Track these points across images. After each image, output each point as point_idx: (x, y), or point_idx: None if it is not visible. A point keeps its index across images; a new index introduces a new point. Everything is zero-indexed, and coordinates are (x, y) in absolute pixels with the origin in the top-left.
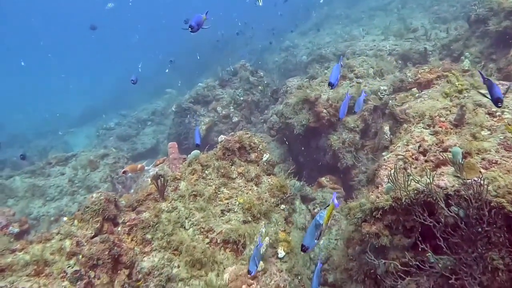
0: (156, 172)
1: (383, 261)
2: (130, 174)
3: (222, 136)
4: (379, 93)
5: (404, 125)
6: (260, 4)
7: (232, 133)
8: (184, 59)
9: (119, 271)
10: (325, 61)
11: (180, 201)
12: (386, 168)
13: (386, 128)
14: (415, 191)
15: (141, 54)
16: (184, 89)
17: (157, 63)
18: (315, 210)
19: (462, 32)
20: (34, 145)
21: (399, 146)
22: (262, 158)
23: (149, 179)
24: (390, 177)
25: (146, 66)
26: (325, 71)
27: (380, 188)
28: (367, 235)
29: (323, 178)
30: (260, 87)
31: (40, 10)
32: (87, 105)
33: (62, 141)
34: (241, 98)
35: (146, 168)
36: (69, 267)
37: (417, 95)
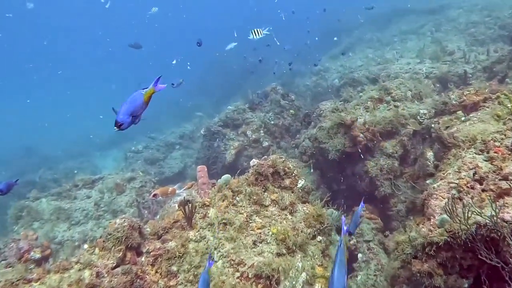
0: (184, 198)
1: None
2: (160, 197)
3: (254, 160)
4: (418, 117)
5: (453, 150)
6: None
7: (265, 157)
8: (212, 82)
9: None
10: (358, 84)
11: (209, 230)
12: (437, 198)
13: (430, 154)
14: (476, 225)
15: (169, 77)
16: (213, 113)
17: (185, 86)
18: (351, 242)
19: (505, 53)
20: (63, 167)
21: (450, 173)
22: (297, 185)
23: (176, 205)
24: (446, 208)
25: (174, 89)
26: (360, 94)
27: (432, 220)
28: (418, 274)
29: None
30: (291, 111)
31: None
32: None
33: (91, 163)
34: (272, 122)
35: (178, 191)
36: None
37: (463, 118)
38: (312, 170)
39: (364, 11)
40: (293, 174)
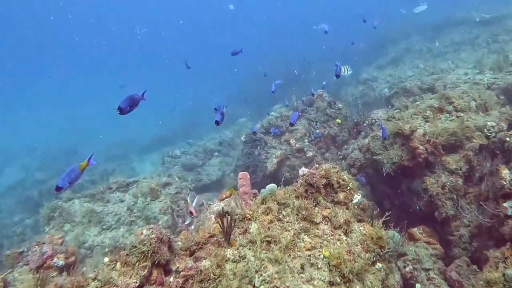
0: (222, 209)
1: None
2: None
3: (304, 168)
4: (485, 129)
5: None
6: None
7: (317, 165)
8: (254, 87)
9: None
10: (409, 94)
11: (249, 249)
12: None
13: (505, 172)
14: None
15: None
16: (255, 119)
17: (227, 93)
18: (407, 269)
19: None
20: (102, 168)
21: None
22: (352, 200)
23: (213, 217)
24: None
25: (216, 96)
26: (417, 102)
27: None
28: None
29: (415, 229)
30: (337, 120)
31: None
32: (157, 132)
33: (129, 166)
34: (317, 131)
35: (209, 203)
36: None
37: None
38: (361, 185)
39: (413, 22)
40: (348, 187)
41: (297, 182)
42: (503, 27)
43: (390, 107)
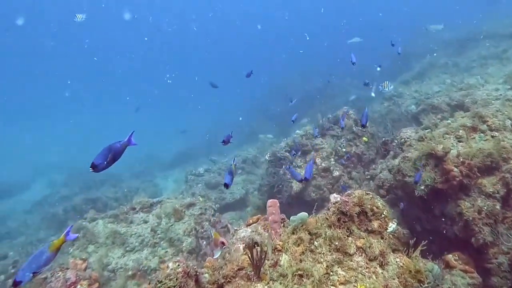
0: (252, 240)
1: None
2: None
3: (335, 195)
4: None
5: None
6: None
7: (349, 192)
8: (276, 102)
9: None
10: (438, 111)
11: (280, 283)
12: None
13: None
14: None
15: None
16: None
17: (247, 109)
18: None
19: None
20: (125, 185)
21: None
22: (387, 228)
23: (241, 246)
24: None
25: (238, 113)
26: (448, 121)
27: None
28: None
29: (450, 255)
30: (364, 138)
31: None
32: (181, 148)
33: (152, 183)
34: (343, 150)
35: (235, 229)
36: None
37: None
38: (390, 207)
39: (437, 36)
40: (383, 215)
41: (328, 209)
42: None
43: (419, 125)
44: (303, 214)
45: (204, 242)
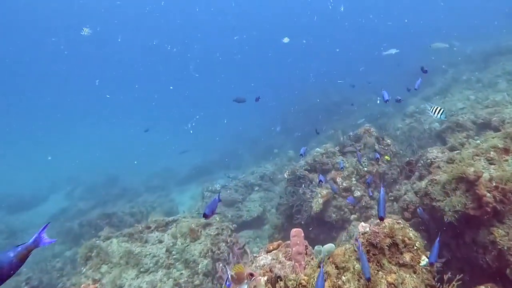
0: (275, 275)
1: None
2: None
3: (364, 224)
4: None
5: None
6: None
7: (378, 221)
8: (295, 120)
9: None
10: (462, 129)
11: None
12: None
13: None
14: None
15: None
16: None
17: (267, 125)
18: None
19: None
20: (142, 200)
21: None
22: (420, 262)
23: (262, 280)
24: None
25: (256, 128)
26: (478, 141)
27: None
28: None
29: (482, 287)
30: (386, 157)
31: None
32: (197, 162)
33: (168, 198)
34: (365, 169)
35: (254, 255)
36: None
37: None
38: (416, 231)
39: (459, 50)
40: (415, 247)
41: (356, 240)
42: None
43: (443, 143)
44: (330, 246)
45: (221, 265)
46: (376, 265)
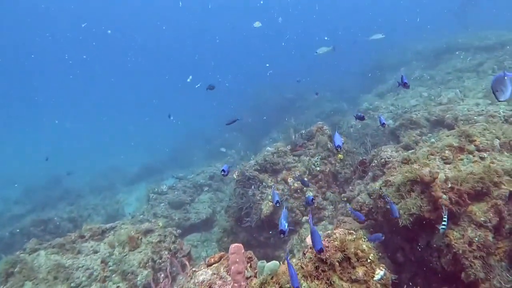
0: None
1: None
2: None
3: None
4: None
5: None
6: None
7: (328, 232)
8: (247, 115)
9: None
10: (416, 127)
11: None
12: None
13: None
14: None
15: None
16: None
17: (222, 122)
18: None
19: None
20: (84, 203)
21: None
22: (373, 276)
23: None
24: None
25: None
26: (432, 140)
27: None
28: None
29: None
30: (339, 156)
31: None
32: (147, 161)
33: (114, 200)
34: (317, 169)
35: (194, 270)
36: None
37: None
38: (369, 234)
39: (411, 47)
40: (369, 260)
41: (304, 255)
42: (508, 53)
43: (397, 141)
44: (273, 264)
45: (162, 275)
46: (326, 283)
